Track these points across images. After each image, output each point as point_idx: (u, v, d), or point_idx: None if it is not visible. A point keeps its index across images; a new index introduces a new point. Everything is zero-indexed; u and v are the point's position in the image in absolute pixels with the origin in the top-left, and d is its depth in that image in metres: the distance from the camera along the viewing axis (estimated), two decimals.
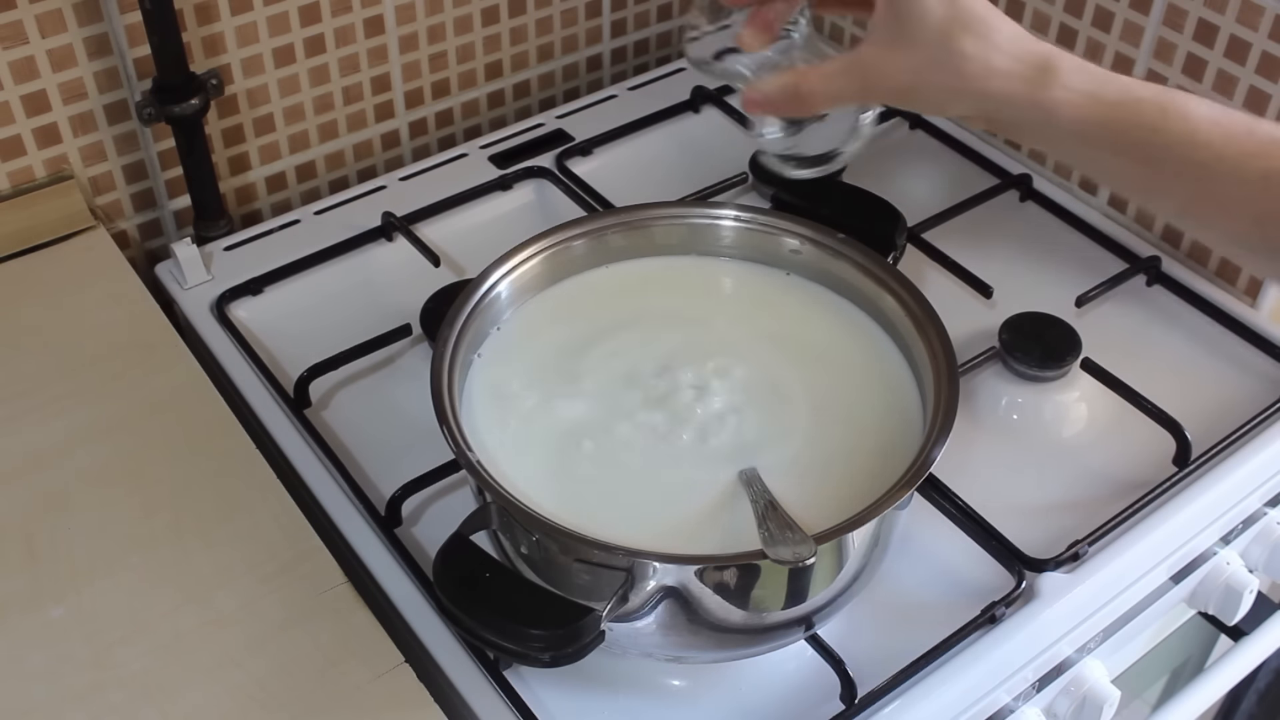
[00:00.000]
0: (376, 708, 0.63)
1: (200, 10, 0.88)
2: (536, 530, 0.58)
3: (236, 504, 0.71)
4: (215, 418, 0.76)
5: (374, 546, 0.72)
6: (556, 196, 0.95)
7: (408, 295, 0.86)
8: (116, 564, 0.68)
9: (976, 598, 0.69)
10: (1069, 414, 0.80)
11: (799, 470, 0.64)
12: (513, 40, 1.05)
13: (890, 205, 0.82)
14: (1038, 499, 0.76)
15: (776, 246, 0.74)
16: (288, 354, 0.84)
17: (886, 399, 0.68)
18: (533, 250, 0.72)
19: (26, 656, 0.64)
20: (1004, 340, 0.81)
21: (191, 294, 0.88)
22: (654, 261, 0.75)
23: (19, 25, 0.82)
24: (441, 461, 0.74)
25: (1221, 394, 0.82)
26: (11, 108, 0.85)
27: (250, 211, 1.00)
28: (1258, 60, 0.83)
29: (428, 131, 1.05)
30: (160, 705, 0.62)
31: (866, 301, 0.72)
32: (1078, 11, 0.92)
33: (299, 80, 0.96)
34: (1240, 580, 0.81)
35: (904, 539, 0.72)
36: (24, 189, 0.88)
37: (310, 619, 0.66)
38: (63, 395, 0.77)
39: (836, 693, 0.65)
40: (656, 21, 1.14)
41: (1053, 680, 0.74)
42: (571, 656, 0.56)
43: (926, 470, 0.60)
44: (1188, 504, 0.75)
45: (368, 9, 0.96)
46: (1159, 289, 0.89)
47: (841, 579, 0.62)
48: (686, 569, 0.57)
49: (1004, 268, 0.89)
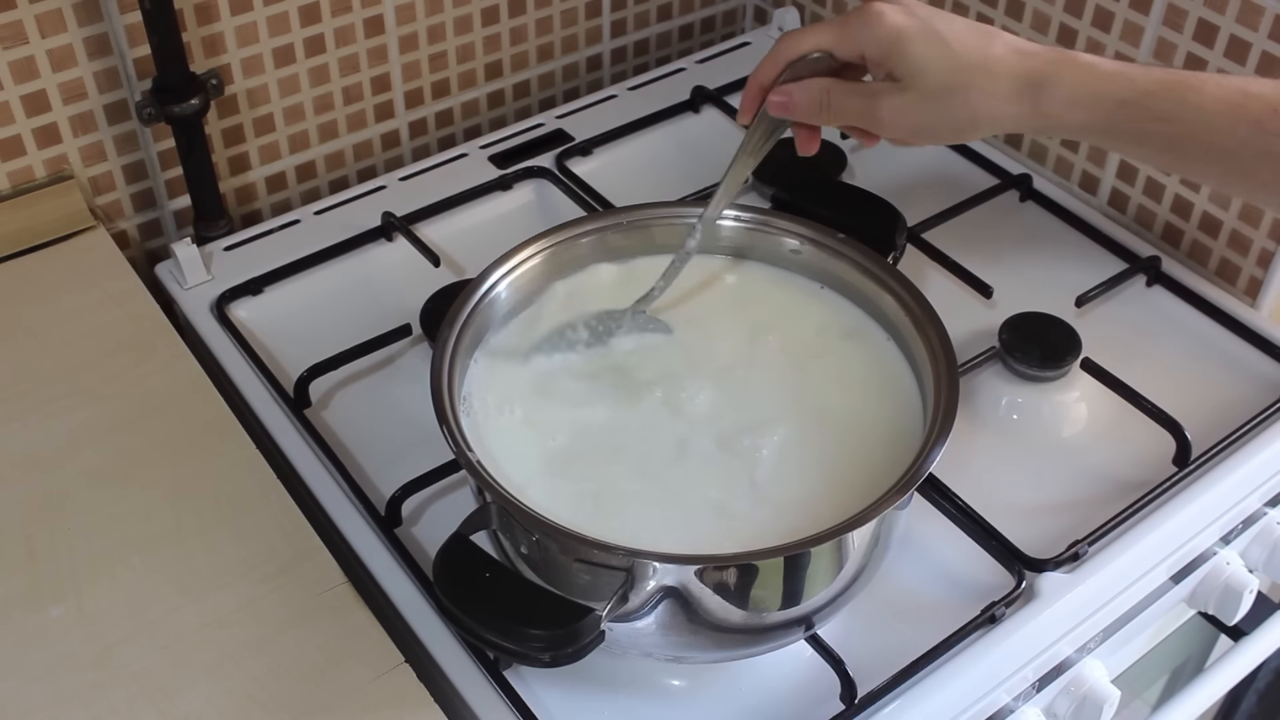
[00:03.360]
0: (376, 708, 0.63)
1: (200, 10, 0.88)
2: (536, 530, 0.58)
3: (236, 504, 0.71)
4: (215, 418, 0.76)
5: (374, 546, 0.72)
6: (556, 196, 0.95)
7: (408, 295, 0.86)
8: (116, 564, 0.68)
9: (976, 598, 0.69)
10: (1069, 414, 0.80)
11: (799, 470, 0.64)
12: (513, 40, 1.05)
13: (890, 205, 0.81)
14: (1038, 499, 0.76)
15: (776, 246, 0.74)
16: (288, 354, 0.84)
17: (886, 399, 0.68)
18: (533, 250, 0.72)
19: (26, 656, 0.64)
20: (1004, 340, 0.81)
21: (191, 294, 0.87)
22: (654, 261, 0.75)
23: (19, 25, 0.82)
24: (441, 461, 0.74)
25: (1221, 394, 0.82)
26: (11, 108, 0.85)
27: (250, 211, 1.00)
28: (1257, 60, 0.83)
29: (428, 131, 1.05)
30: (160, 705, 0.62)
31: (866, 301, 0.72)
32: (1078, 11, 0.92)
33: (299, 80, 0.96)
34: (1240, 580, 0.81)
35: (904, 539, 0.72)
36: (24, 189, 0.88)
37: (310, 619, 0.66)
38: (63, 395, 0.77)
39: (836, 693, 0.65)
40: (656, 21, 1.14)
41: (1053, 680, 0.74)
42: (571, 656, 0.56)
43: (926, 470, 0.60)
44: (1188, 504, 0.75)
45: (368, 9, 0.96)
46: (1159, 289, 0.89)
47: (841, 579, 0.62)
48: (686, 569, 0.57)
49: (1004, 268, 0.89)
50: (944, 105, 0.65)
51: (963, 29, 0.65)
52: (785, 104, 0.68)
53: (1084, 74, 0.64)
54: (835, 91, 0.67)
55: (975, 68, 0.64)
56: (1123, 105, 0.63)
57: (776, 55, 0.68)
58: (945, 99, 0.64)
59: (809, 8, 1.13)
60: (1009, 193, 0.96)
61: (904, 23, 0.64)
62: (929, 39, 0.64)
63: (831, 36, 0.67)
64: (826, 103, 0.67)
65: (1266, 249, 0.87)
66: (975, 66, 0.64)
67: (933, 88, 0.64)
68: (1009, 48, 0.65)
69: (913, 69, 0.64)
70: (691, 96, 1.04)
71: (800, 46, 0.68)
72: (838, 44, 0.67)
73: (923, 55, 0.64)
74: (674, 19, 1.15)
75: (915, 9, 0.65)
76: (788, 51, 0.68)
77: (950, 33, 0.64)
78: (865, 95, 0.66)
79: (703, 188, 0.94)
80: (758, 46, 1.11)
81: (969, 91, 0.64)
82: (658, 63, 1.16)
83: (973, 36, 0.65)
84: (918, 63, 0.64)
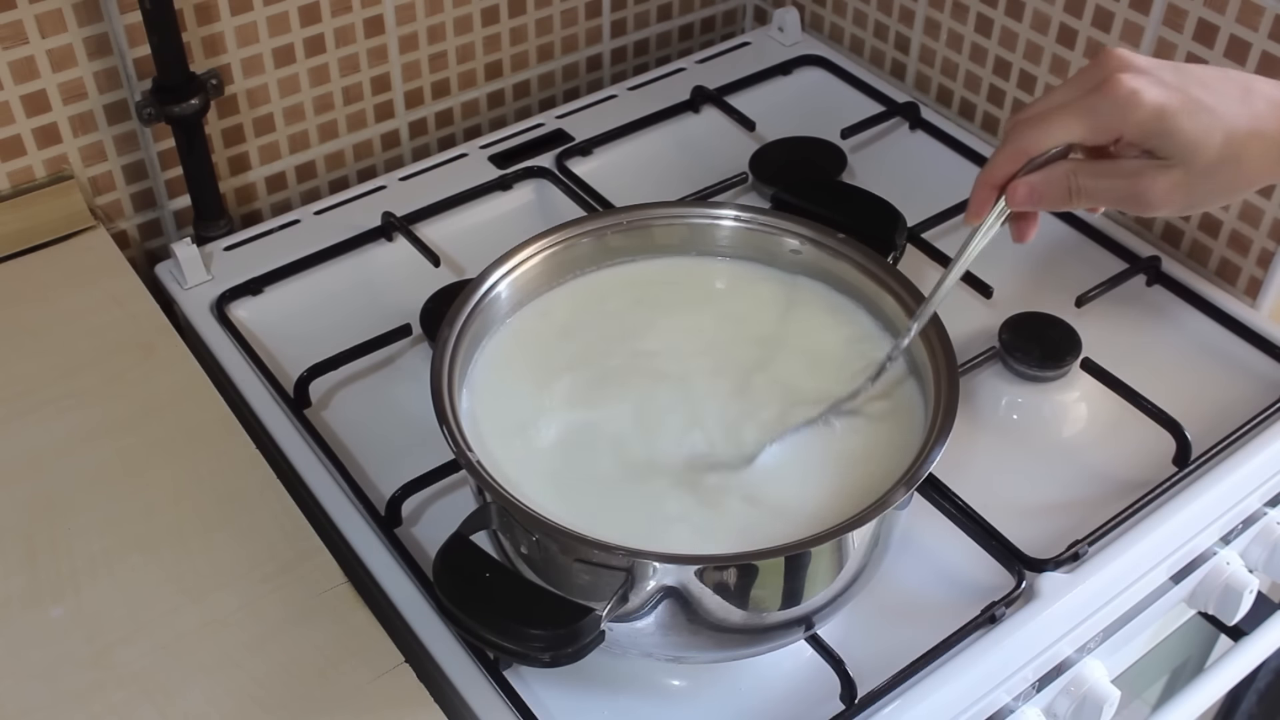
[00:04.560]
0: (376, 708, 0.63)
1: (200, 10, 0.88)
2: (536, 530, 0.58)
3: (236, 504, 0.71)
4: (215, 418, 0.76)
5: (374, 546, 0.72)
6: (556, 196, 0.95)
7: (408, 295, 0.86)
8: (116, 564, 0.68)
9: (976, 598, 0.69)
10: (1069, 414, 0.80)
11: (799, 470, 0.64)
12: (513, 40, 1.05)
13: (890, 205, 0.81)
14: (1038, 499, 0.76)
15: (776, 246, 0.74)
16: (288, 354, 0.84)
17: (886, 399, 0.68)
18: (533, 250, 0.72)
19: (26, 656, 0.64)
20: (1004, 340, 0.81)
21: (191, 294, 0.88)
22: (654, 261, 0.75)
23: (19, 25, 0.82)
24: (441, 461, 0.74)
25: (1221, 394, 0.82)
26: (11, 108, 0.85)
27: (250, 211, 1.00)
28: (1258, 60, 0.83)
29: (428, 131, 1.05)
30: (160, 705, 0.62)
31: (866, 301, 0.72)
32: (1078, 12, 0.92)
33: (299, 80, 0.96)
34: (1240, 580, 0.81)
35: (904, 539, 0.72)
36: (24, 189, 0.88)
37: (310, 619, 0.66)
38: (63, 395, 0.77)
39: (836, 693, 0.65)
40: (656, 21, 1.14)
41: (1053, 680, 0.74)
42: (571, 656, 0.56)
43: (926, 470, 0.60)
44: (1188, 504, 0.75)
45: (368, 9, 0.96)
46: (1159, 289, 0.89)
47: (841, 579, 0.62)
48: (686, 569, 0.57)
49: (1004, 268, 0.89)
50: (1218, 177, 0.60)
51: (1222, 89, 0.60)
52: (1030, 197, 0.62)
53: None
54: (1085, 175, 0.61)
55: (1247, 134, 0.59)
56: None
57: (1016, 153, 0.62)
58: (1219, 171, 0.59)
59: (809, 8, 1.13)
60: None
61: (1164, 100, 0.58)
62: (1195, 113, 0.58)
63: (1080, 127, 0.60)
64: (1076, 188, 0.61)
65: (1266, 249, 0.87)
66: (1247, 133, 0.59)
67: (1206, 163, 0.59)
68: (1269, 102, 0.60)
69: (1183, 149, 0.59)
70: (691, 96, 1.04)
71: (1045, 142, 0.61)
72: (1089, 134, 0.60)
73: (1192, 132, 0.58)
74: (674, 19, 1.15)
75: (1164, 75, 0.59)
76: (1030, 147, 0.61)
77: (1213, 100, 0.59)
78: (1124, 177, 0.61)
79: (703, 188, 0.95)
80: (758, 46, 1.11)
81: (1243, 160, 0.59)
82: (658, 63, 1.16)
83: (1235, 96, 0.60)
84: (1188, 142, 0.59)
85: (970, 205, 0.64)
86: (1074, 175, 0.61)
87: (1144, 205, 0.61)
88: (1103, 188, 0.61)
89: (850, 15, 1.10)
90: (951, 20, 1.01)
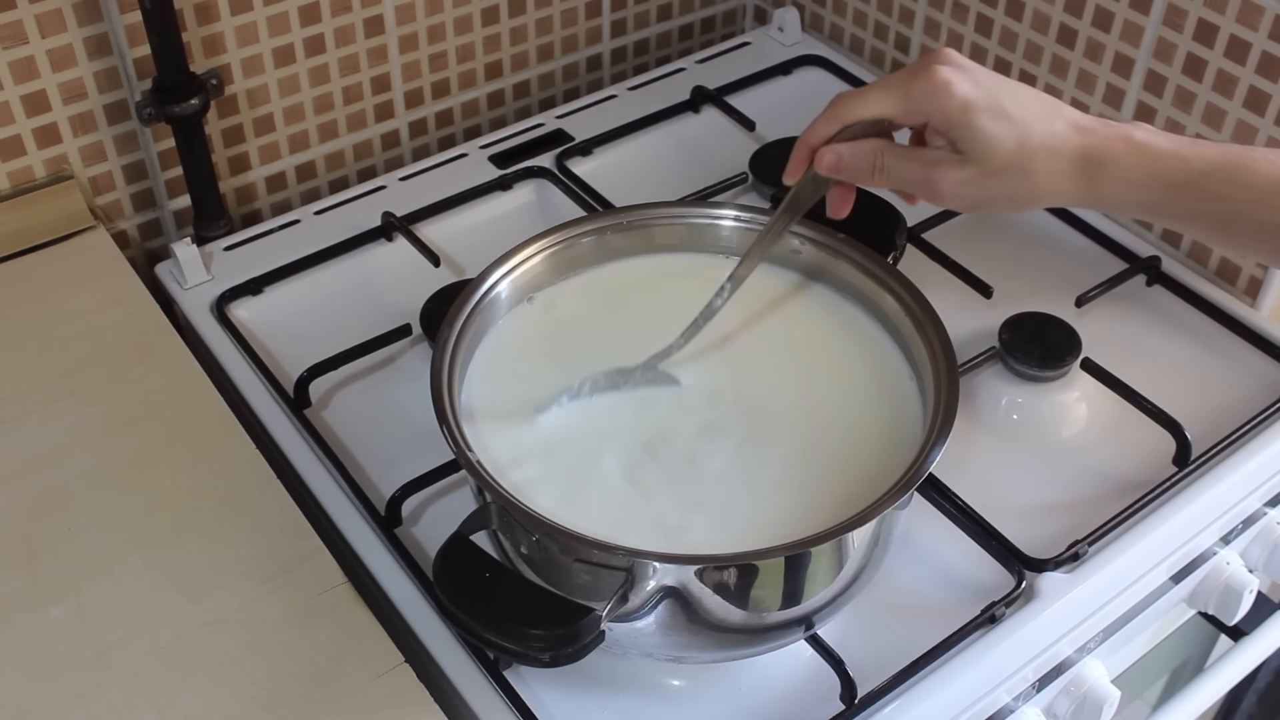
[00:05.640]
0: (376, 708, 0.63)
1: (200, 10, 0.88)
2: (536, 530, 0.58)
3: (236, 504, 0.71)
4: (215, 418, 0.76)
5: (374, 546, 0.72)
6: (556, 196, 0.95)
7: (408, 295, 0.86)
8: (116, 564, 0.68)
9: (976, 597, 0.69)
10: (1069, 414, 0.80)
11: (799, 470, 0.64)
12: (513, 40, 1.05)
13: (890, 205, 0.82)
14: (1038, 499, 0.76)
15: (777, 246, 0.74)
16: (288, 354, 0.84)
17: (886, 399, 0.68)
18: (533, 250, 0.72)
19: (26, 656, 0.64)
20: (1004, 340, 0.81)
21: (191, 294, 0.88)
22: (654, 261, 0.75)
23: (19, 25, 0.82)
24: (441, 461, 0.74)
25: (1221, 394, 0.82)
26: (11, 108, 0.85)
27: (250, 211, 1.00)
28: (1258, 60, 0.83)
29: (428, 131, 1.06)
30: (160, 705, 0.62)
31: (866, 301, 0.72)
32: (1078, 12, 0.92)
33: (299, 80, 0.96)
34: (1240, 580, 0.81)
35: (904, 539, 0.72)
36: (24, 189, 0.88)
37: (310, 619, 0.66)
38: (63, 395, 0.77)
39: (836, 693, 0.65)
40: (656, 21, 1.14)
41: (1053, 680, 0.74)
42: (571, 656, 0.56)
43: (926, 470, 0.60)
44: (1188, 504, 0.75)
45: (368, 9, 0.96)
46: (1159, 289, 0.89)
47: (841, 579, 0.62)
48: (686, 569, 0.57)
49: (1004, 268, 0.89)
50: (1006, 182, 0.63)
51: (1029, 104, 0.63)
52: (836, 164, 0.65)
53: (1140, 155, 0.63)
54: (890, 155, 0.65)
55: (1039, 147, 0.63)
56: (1176, 187, 0.63)
57: (832, 117, 0.66)
58: (1008, 176, 0.63)
59: (809, 8, 1.13)
60: None
61: (972, 96, 0.62)
62: (996, 116, 0.62)
63: (894, 104, 0.64)
64: (880, 166, 0.65)
65: None
66: (1039, 145, 0.63)
67: (997, 165, 0.63)
68: (1070, 124, 0.63)
69: (979, 146, 0.62)
70: (691, 96, 1.04)
71: (859, 111, 0.65)
72: (901, 113, 0.64)
73: (989, 132, 0.62)
74: (674, 19, 1.15)
75: (980, 78, 0.63)
76: (845, 114, 0.65)
77: (1016, 109, 0.63)
78: (924, 164, 0.64)
79: (703, 188, 0.95)
80: (758, 46, 1.11)
81: (1032, 170, 0.63)
82: (658, 63, 1.16)
83: (1038, 112, 0.63)
84: (985, 140, 0.62)
85: (789, 164, 0.68)
86: (881, 154, 0.65)
87: (935, 194, 0.65)
88: (902, 169, 0.65)
89: (850, 15, 1.10)
90: (951, 20, 1.01)
